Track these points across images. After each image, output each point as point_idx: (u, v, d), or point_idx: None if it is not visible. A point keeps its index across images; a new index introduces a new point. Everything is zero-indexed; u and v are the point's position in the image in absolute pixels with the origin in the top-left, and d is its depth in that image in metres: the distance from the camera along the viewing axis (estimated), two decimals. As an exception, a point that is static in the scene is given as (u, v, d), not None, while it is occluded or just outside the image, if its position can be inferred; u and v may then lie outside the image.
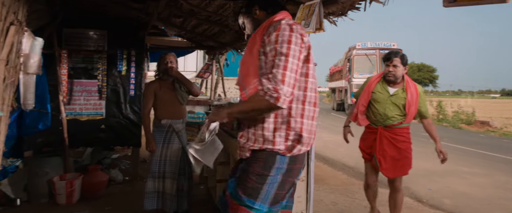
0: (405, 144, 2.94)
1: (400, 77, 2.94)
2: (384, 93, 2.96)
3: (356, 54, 15.53)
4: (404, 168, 2.95)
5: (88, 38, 4.27)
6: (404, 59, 2.93)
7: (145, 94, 3.20)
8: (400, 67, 2.91)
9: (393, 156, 2.91)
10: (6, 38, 1.85)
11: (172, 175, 3.11)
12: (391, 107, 2.92)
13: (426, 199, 4.28)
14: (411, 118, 2.94)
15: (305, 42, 1.49)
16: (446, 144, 8.66)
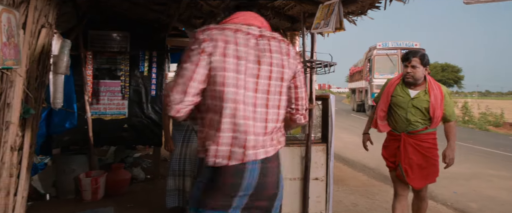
0: (432, 151, 2.67)
1: (421, 79, 2.69)
2: (405, 96, 2.71)
3: (377, 54, 15.24)
4: (431, 176, 2.71)
5: (111, 40, 4.41)
6: (424, 59, 2.67)
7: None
8: (420, 68, 2.65)
9: (420, 165, 2.66)
10: (38, 40, 1.95)
11: (192, 173, 3.13)
12: (413, 111, 2.66)
13: (451, 202, 4.15)
14: (437, 122, 2.68)
15: (206, 46, 1.32)
16: (471, 146, 8.38)
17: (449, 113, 2.71)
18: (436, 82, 2.73)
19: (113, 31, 4.40)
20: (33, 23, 1.90)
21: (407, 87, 2.74)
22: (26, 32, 1.83)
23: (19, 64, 1.68)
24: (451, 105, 2.73)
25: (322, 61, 3.21)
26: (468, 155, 7.16)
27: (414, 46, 15.12)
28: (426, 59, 2.69)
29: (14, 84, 1.69)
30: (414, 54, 2.70)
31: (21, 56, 1.71)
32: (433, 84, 2.70)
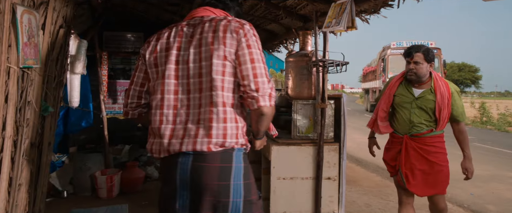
0: (438, 155, 2.43)
1: (425, 76, 2.44)
2: (408, 95, 2.48)
3: (391, 53, 15.03)
4: (437, 185, 2.43)
5: (126, 40, 4.50)
6: (428, 55, 2.41)
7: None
8: (424, 65, 2.40)
9: (423, 170, 2.44)
10: (56, 40, 2.01)
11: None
12: (418, 112, 2.44)
13: (468, 204, 4.06)
14: (444, 124, 2.45)
15: (142, 50, 1.49)
16: (490, 148, 8.18)
17: (458, 113, 2.45)
18: (443, 79, 2.49)
19: (127, 32, 4.49)
20: (51, 24, 1.95)
21: (411, 85, 2.50)
22: (45, 33, 1.89)
23: (38, 63, 1.73)
24: (460, 105, 2.47)
25: (334, 60, 3.19)
26: (487, 156, 6.98)
27: (429, 45, 14.85)
28: (431, 55, 2.44)
29: (34, 82, 1.75)
30: (416, 49, 2.45)
31: (41, 56, 1.77)
32: (440, 81, 2.45)
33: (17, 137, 1.55)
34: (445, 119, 2.43)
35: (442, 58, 14.62)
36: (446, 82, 2.45)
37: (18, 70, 1.52)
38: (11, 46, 1.46)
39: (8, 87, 1.45)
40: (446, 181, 2.47)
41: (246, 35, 1.30)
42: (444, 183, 2.45)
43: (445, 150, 2.48)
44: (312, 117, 2.86)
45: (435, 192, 2.46)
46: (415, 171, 2.44)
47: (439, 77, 2.47)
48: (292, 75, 3.12)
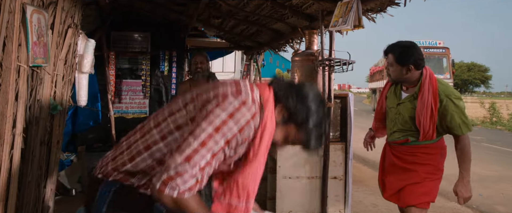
0: (420, 167, 2.07)
1: (407, 80, 2.07)
2: (394, 99, 2.19)
3: (398, 53, 14.91)
4: (412, 195, 2.07)
5: (133, 40, 4.54)
6: (401, 56, 2.02)
7: (177, 95, 3.29)
8: (396, 68, 2.05)
9: (397, 180, 2.14)
10: (64, 39, 2.04)
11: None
12: (398, 118, 2.13)
13: (476, 205, 4.01)
14: (429, 135, 2.03)
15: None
16: (499, 148, 8.07)
17: (453, 125, 2.00)
18: (435, 83, 2.04)
19: (134, 32, 4.53)
20: (60, 24, 1.98)
21: (400, 87, 2.18)
22: (54, 32, 1.92)
23: (47, 62, 1.76)
24: (457, 114, 1.99)
25: (340, 59, 3.18)
26: (496, 157, 6.89)
27: (437, 45, 14.70)
28: (406, 56, 2.02)
29: (43, 81, 1.78)
30: (390, 49, 2.09)
31: (50, 55, 1.80)
32: (427, 86, 2.02)
33: (27, 134, 1.58)
34: (429, 130, 2.01)
35: (450, 58, 14.46)
36: (435, 87, 2.02)
37: (27, 68, 1.55)
38: (21, 45, 1.49)
39: (18, 85, 1.47)
40: (425, 195, 2.06)
41: (213, 108, 1.06)
42: (422, 196, 2.06)
43: (434, 162, 2.09)
44: (318, 116, 2.86)
45: (408, 203, 2.09)
46: (390, 179, 2.18)
47: (430, 81, 2.04)
48: (298, 74, 3.12)
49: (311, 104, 1.12)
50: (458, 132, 2.01)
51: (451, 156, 2.19)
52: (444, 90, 2.02)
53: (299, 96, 1.13)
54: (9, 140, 1.40)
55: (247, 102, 1.04)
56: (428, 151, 2.08)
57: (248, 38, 5.10)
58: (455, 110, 1.99)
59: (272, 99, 1.12)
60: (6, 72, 1.39)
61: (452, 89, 2.06)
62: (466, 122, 2.02)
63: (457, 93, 2.07)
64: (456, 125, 1.99)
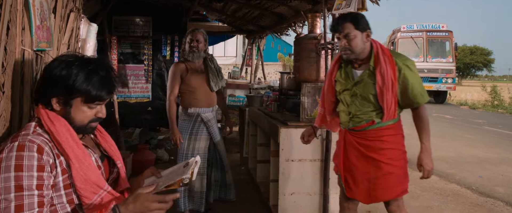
0: (387, 152, 1.90)
1: (363, 51, 1.89)
2: (347, 80, 1.97)
3: (401, 37, 14.75)
4: (387, 190, 1.91)
5: (135, 25, 4.51)
6: (358, 22, 1.86)
7: (170, 77, 2.75)
8: (358, 36, 1.86)
9: (367, 173, 1.93)
10: (67, 23, 2.03)
11: (201, 170, 2.77)
12: (357, 100, 1.93)
13: (476, 186, 4.07)
14: (391, 113, 1.88)
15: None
16: (501, 131, 8.09)
17: (413, 95, 1.85)
18: (388, 52, 1.89)
19: (136, 16, 4.50)
20: (62, 8, 1.97)
21: (351, 66, 1.97)
22: (57, 16, 1.91)
23: (51, 46, 1.76)
24: (415, 82, 1.85)
25: (343, 42, 3.16)
26: (497, 139, 6.92)
27: (441, 28, 14.52)
28: (363, 21, 1.88)
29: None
30: (343, 19, 1.90)
31: (53, 39, 1.80)
32: (382, 56, 1.86)
33: (34, 118, 1.60)
34: (391, 105, 1.86)
35: (453, 41, 14.32)
36: (390, 56, 1.87)
37: (32, 52, 1.55)
38: (25, 29, 1.49)
39: (24, 70, 1.48)
40: (400, 184, 1.93)
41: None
42: (398, 187, 1.92)
43: (399, 145, 1.94)
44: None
45: (384, 198, 1.95)
46: (356, 174, 1.96)
47: (382, 51, 1.89)
48: (300, 58, 3.11)
49: (58, 67, 1.13)
50: (420, 101, 1.87)
51: (450, 138, 2.20)
52: (398, 58, 1.88)
53: (46, 72, 1.16)
54: (17, 124, 1.42)
55: (24, 144, 1.04)
56: (393, 133, 1.93)
57: (250, 22, 5.06)
58: (415, 78, 1.86)
59: (42, 110, 1.15)
60: (11, 56, 1.40)
61: (405, 56, 1.92)
62: (423, 90, 1.89)
63: (411, 59, 1.92)
64: (418, 93, 1.86)
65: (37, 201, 1.02)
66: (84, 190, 1.12)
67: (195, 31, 2.79)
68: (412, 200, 3.54)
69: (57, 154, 1.11)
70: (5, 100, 1.31)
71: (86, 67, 1.15)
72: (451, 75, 14.03)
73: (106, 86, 1.17)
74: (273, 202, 2.92)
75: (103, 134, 1.37)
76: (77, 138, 1.16)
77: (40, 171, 1.04)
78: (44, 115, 1.14)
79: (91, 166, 1.16)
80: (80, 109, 1.17)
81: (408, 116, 2.02)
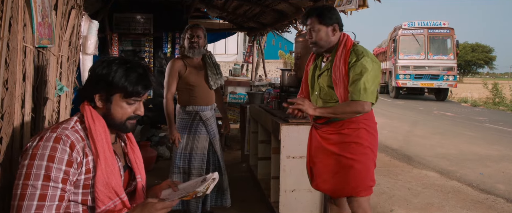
0: (347, 146, 1.86)
1: (330, 44, 1.89)
2: (315, 72, 2.01)
3: (402, 34, 14.72)
4: (348, 184, 1.87)
5: (136, 22, 4.50)
6: (322, 16, 1.85)
7: (168, 74, 2.69)
8: (322, 30, 1.85)
9: (328, 165, 1.92)
10: (68, 20, 2.03)
11: (199, 171, 2.69)
12: (322, 93, 1.95)
13: (477, 183, 4.07)
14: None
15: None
16: (502, 128, 8.08)
17: (353, 89, 1.77)
18: (349, 46, 1.86)
19: (137, 13, 4.49)
20: (63, 5, 1.97)
21: (321, 58, 2.01)
22: (58, 13, 1.91)
23: (53, 43, 1.77)
24: (362, 79, 1.75)
25: (344, 39, 3.16)
26: (498, 137, 6.91)
27: (442, 25, 14.49)
28: (329, 15, 1.85)
29: (49, 62, 1.79)
30: (309, 13, 1.90)
31: (54, 36, 1.80)
32: (340, 50, 1.85)
33: (35, 115, 1.61)
34: (344, 91, 1.82)
35: (455, 38, 14.28)
36: (348, 50, 1.84)
37: (33, 49, 1.56)
38: (26, 25, 1.49)
39: (25, 66, 1.49)
40: (362, 181, 1.86)
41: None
42: (360, 183, 1.86)
43: (362, 140, 1.86)
44: (322, 97, 2.86)
45: (345, 193, 1.92)
46: (319, 166, 1.96)
47: (345, 44, 1.87)
48: (301, 55, 3.11)
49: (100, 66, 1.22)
50: (355, 97, 1.76)
51: (451, 135, 2.21)
52: (357, 50, 1.82)
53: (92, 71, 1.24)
54: (19, 120, 1.42)
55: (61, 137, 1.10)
56: (355, 126, 1.86)
57: (251, 19, 5.05)
58: (358, 72, 1.77)
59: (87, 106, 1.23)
60: (13, 53, 1.40)
61: (368, 51, 1.85)
62: (367, 88, 1.76)
63: (372, 56, 1.84)
64: (358, 89, 1.75)
65: (59, 194, 1.08)
66: (101, 193, 1.16)
67: (195, 26, 2.72)
68: (412, 196, 3.55)
69: (87, 153, 1.16)
70: (9, 96, 1.31)
71: (124, 65, 1.22)
72: (452, 73, 14.01)
73: (143, 82, 1.23)
74: (274, 199, 2.93)
75: (133, 145, 1.41)
76: (110, 141, 1.22)
77: (69, 166, 1.10)
78: (88, 112, 1.21)
79: (115, 171, 1.20)
80: (119, 105, 1.23)
81: (409, 113, 2.00)
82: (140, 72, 1.24)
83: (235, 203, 3.07)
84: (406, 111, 10.88)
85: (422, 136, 6.72)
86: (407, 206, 3.31)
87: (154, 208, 1.12)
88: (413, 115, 9.70)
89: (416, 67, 14.21)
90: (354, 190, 1.88)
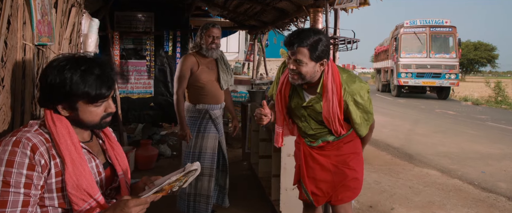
0: (347, 158, 1.89)
1: (313, 78, 1.72)
2: (299, 100, 1.85)
3: (404, 32, 14.67)
4: (348, 192, 1.89)
5: (137, 20, 4.50)
6: (315, 51, 1.63)
7: (179, 70, 2.62)
8: (310, 65, 1.65)
9: (328, 175, 1.90)
10: (68, 18, 2.03)
11: (209, 171, 2.64)
12: (309, 121, 1.87)
13: (478, 182, 4.06)
14: (341, 130, 1.83)
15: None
16: (504, 127, 8.05)
17: (358, 123, 1.80)
18: (338, 80, 1.73)
19: (138, 11, 4.49)
20: (64, 2, 1.97)
21: (301, 86, 1.83)
22: (58, 11, 1.91)
23: (53, 41, 1.77)
24: (357, 118, 1.79)
25: (345, 37, 3.15)
26: (500, 135, 6.89)
27: (444, 24, 14.42)
28: (321, 50, 1.64)
29: (49, 60, 1.78)
30: (300, 41, 1.63)
31: (54, 34, 1.80)
32: (330, 85, 1.72)
33: (35, 112, 1.61)
34: (340, 128, 1.81)
35: (457, 37, 14.22)
36: (339, 84, 1.72)
37: (33, 47, 1.56)
38: (26, 23, 1.49)
39: (25, 64, 1.49)
40: (359, 189, 1.93)
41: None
42: (357, 192, 1.92)
43: (357, 149, 1.92)
44: (322, 95, 2.86)
45: (344, 201, 1.91)
46: (320, 184, 1.91)
47: (333, 78, 1.73)
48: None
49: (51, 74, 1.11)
50: (361, 131, 1.85)
51: (453, 134, 2.20)
52: (349, 87, 1.74)
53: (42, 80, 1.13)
54: (19, 117, 1.42)
55: (20, 140, 1.04)
56: (349, 139, 1.90)
57: (252, 17, 5.04)
58: (359, 113, 1.79)
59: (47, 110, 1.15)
60: (12, 51, 1.40)
61: (356, 84, 1.75)
62: (367, 119, 1.83)
63: (362, 87, 1.76)
64: (360, 122, 1.81)
65: (22, 200, 1.02)
66: (74, 196, 1.11)
67: (216, 27, 2.63)
68: (414, 195, 3.55)
69: (53, 155, 1.10)
70: (5, 94, 1.31)
71: (78, 68, 1.12)
72: (454, 71, 13.95)
73: (104, 83, 1.14)
74: (275, 197, 2.93)
75: (111, 141, 1.35)
76: (77, 141, 1.15)
77: (30, 170, 1.04)
78: (48, 115, 1.14)
79: (85, 172, 1.13)
80: (87, 110, 1.16)
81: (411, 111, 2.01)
82: (98, 73, 1.13)
83: (236, 201, 3.08)
84: (407, 109, 10.85)
85: (424, 135, 6.70)
86: (408, 205, 3.30)
87: (127, 206, 1.05)
88: (414, 114, 9.68)
89: (418, 65, 14.18)
90: (350, 198, 1.91)
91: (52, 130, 1.12)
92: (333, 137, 1.87)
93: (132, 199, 1.07)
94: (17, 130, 1.13)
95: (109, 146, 1.34)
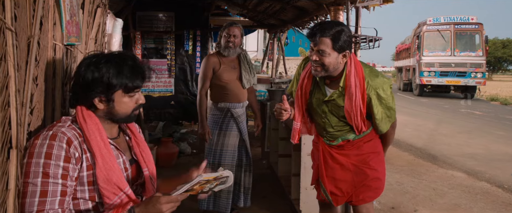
0: (368, 157, 1.85)
1: (337, 70, 1.72)
2: (320, 96, 1.82)
3: (427, 30, 14.25)
4: (370, 192, 1.87)
5: (158, 20, 4.59)
6: (338, 41, 1.64)
7: (202, 70, 2.67)
8: (333, 55, 1.66)
9: (353, 180, 1.87)
10: (94, 19, 2.09)
11: (230, 168, 2.65)
12: (330, 118, 1.83)
13: (508, 185, 3.90)
14: (363, 127, 1.80)
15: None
16: (534, 128, 7.69)
17: (379, 118, 1.76)
18: (361, 73, 1.72)
19: (159, 11, 4.58)
20: (90, 3, 2.03)
21: (323, 81, 1.81)
22: (84, 12, 1.97)
23: (80, 41, 1.82)
24: (379, 113, 1.75)
25: (366, 35, 3.09)
26: (529, 137, 6.59)
27: (470, 21, 13.92)
28: (344, 40, 1.65)
29: (76, 59, 1.85)
30: (322, 31, 1.65)
31: (81, 34, 1.86)
32: (353, 79, 1.70)
33: (64, 109, 1.67)
34: (361, 126, 1.78)
35: (484, 34, 13.69)
36: (362, 78, 1.71)
37: (62, 47, 1.61)
38: (56, 24, 1.54)
39: (55, 63, 1.54)
40: (381, 189, 1.90)
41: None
42: (380, 191, 1.90)
43: (377, 148, 1.90)
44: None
45: (366, 201, 1.89)
46: (340, 183, 1.89)
47: (356, 71, 1.72)
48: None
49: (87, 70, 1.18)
50: (382, 128, 1.80)
51: (477, 134, 2.12)
52: (372, 81, 1.72)
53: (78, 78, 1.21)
54: (50, 114, 1.48)
55: (57, 134, 1.11)
56: (369, 138, 1.86)
57: (272, 16, 5.03)
58: (381, 107, 1.75)
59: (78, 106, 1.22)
60: (44, 50, 1.45)
61: (379, 78, 1.74)
62: (389, 116, 1.79)
63: (384, 82, 1.74)
64: (380, 117, 1.76)
65: (61, 190, 1.09)
66: (105, 190, 1.16)
67: (233, 25, 2.66)
68: (438, 197, 3.45)
69: (85, 150, 1.16)
70: (39, 92, 1.36)
71: (113, 61, 1.20)
72: (480, 70, 13.45)
73: (139, 72, 1.22)
74: (295, 196, 2.92)
75: (137, 138, 1.39)
76: (106, 138, 1.21)
77: (66, 162, 1.10)
78: (79, 112, 1.21)
79: (114, 168, 1.18)
80: (122, 101, 1.23)
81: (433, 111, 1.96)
82: (131, 64, 1.21)
83: (256, 199, 3.08)
84: (430, 109, 10.54)
85: (448, 135, 6.50)
86: (432, 207, 3.22)
87: (159, 202, 1.09)
88: (437, 113, 9.40)
89: (442, 64, 13.74)
90: (371, 198, 1.89)
91: (83, 126, 1.18)
92: (354, 136, 1.84)
93: (164, 196, 1.11)
94: (52, 125, 1.19)
95: (135, 143, 1.38)
